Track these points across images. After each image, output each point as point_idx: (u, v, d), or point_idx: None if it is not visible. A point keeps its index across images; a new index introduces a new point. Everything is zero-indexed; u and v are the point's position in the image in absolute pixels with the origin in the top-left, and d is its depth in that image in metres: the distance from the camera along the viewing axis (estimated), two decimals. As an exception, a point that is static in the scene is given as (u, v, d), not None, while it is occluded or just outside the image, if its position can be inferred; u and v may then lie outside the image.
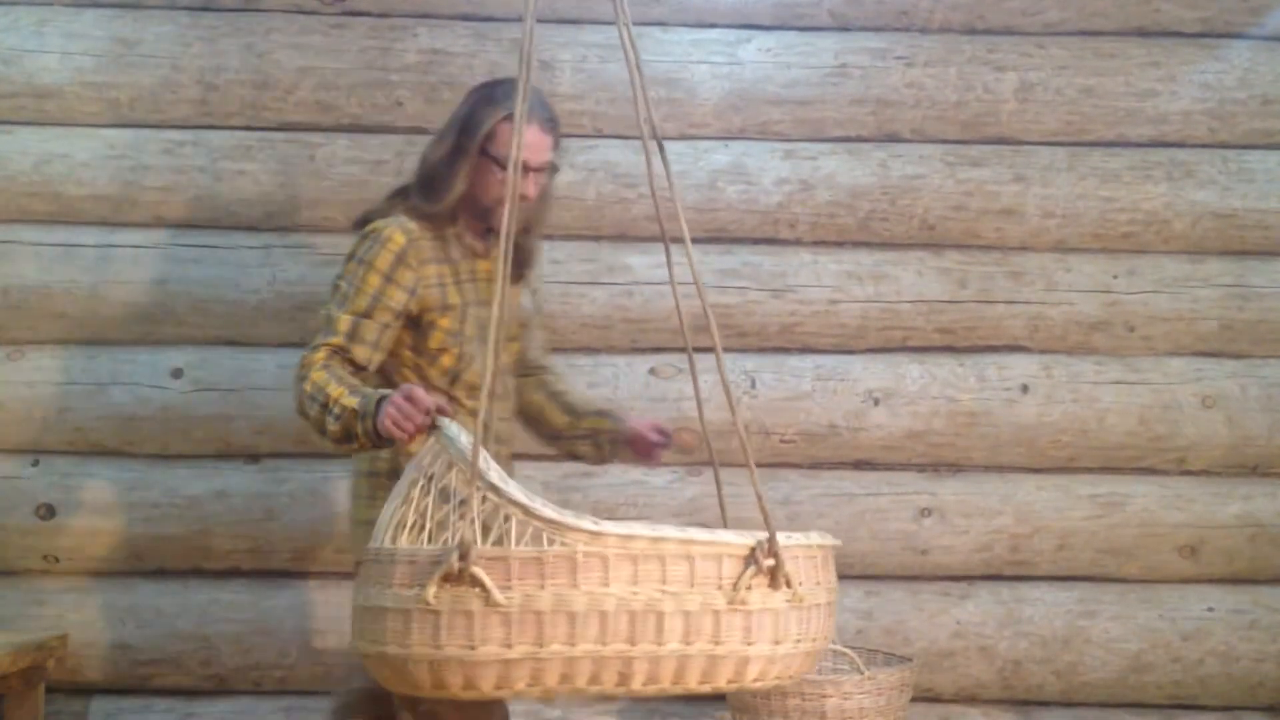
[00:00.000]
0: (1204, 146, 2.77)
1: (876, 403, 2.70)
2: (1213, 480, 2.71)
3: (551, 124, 1.99)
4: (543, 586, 1.34)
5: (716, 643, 1.38)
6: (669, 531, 1.38)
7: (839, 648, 2.46)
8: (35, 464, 2.63)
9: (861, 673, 2.28)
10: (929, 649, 2.65)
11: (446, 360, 1.98)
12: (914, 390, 2.70)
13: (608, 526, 1.37)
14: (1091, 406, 2.70)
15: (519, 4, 2.26)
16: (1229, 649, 2.67)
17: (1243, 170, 2.76)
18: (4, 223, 2.67)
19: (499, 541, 1.37)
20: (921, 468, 2.71)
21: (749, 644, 1.39)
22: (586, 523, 1.37)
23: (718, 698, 2.53)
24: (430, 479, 1.49)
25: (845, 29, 2.77)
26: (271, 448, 2.65)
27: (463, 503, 1.40)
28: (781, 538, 1.41)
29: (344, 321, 1.90)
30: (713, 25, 2.76)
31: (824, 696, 2.23)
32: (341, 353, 1.89)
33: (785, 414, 2.67)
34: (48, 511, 2.61)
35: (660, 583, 1.36)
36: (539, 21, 2.71)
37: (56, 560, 2.62)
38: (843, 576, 2.64)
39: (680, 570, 1.37)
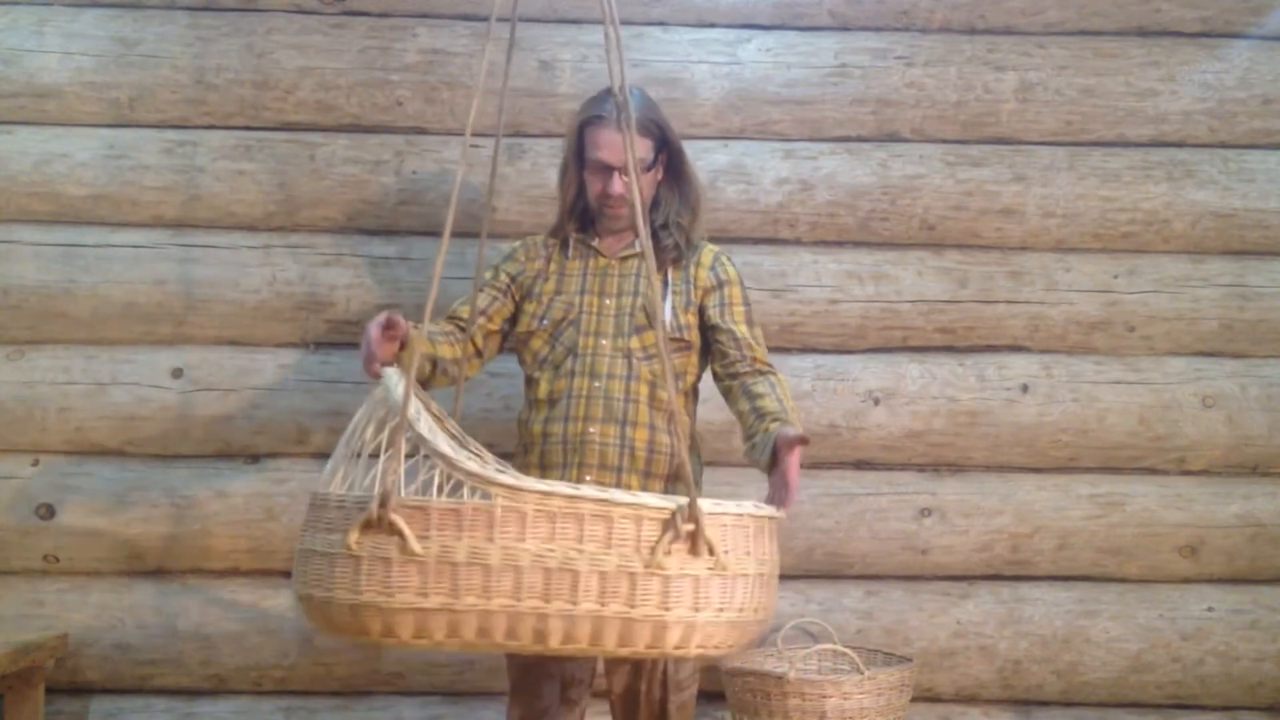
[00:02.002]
0: (1204, 146, 2.77)
1: (876, 403, 2.70)
2: (1213, 480, 2.71)
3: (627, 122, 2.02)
4: (459, 538, 1.35)
5: (632, 605, 1.36)
6: (588, 491, 1.38)
7: (839, 648, 2.46)
8: (35, 464, 2.63)
9: (861, 673, 2.28)
10: (929, 649, 2.65)
11: (536, 343, 2.11)
12: (914, 390, 2.70)
13: (527, 482, 1.37)
14: (1091, 406, 2.70)
15: (505, 4, 2.26)
16: (1229, 649, 2.67)
17: (1243, 170, 2.76)
18: (4, 223, 2.67)
19: (456, 491, 1.39)
20: (921, 468, 2.71)
21: (666, 609, 1.37)
22: (506, 477, 1.37)
23: (718, 696, 2.53)
24: (377, 424, 1.51)
25: (845, 29, 2.77)
26: (271, 448, 2.65)
27: (389, 451, 1.41)
28: (708, 504, 1.40)
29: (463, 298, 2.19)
30: (713, 25, 2.76)
31: (824, 696, 2.23)
32: (448, 316, 2.17)
33: (785, 414, 2.67)
34: (48, 511, 2.61)
35: (577, 541, 1.36)
36: (539, 21, 2.72)
37: (56, 560, 2.62)
38: (843, 576, 2.68)
39: (598, 530, 1.36)
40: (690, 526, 1.37)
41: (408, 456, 1.43)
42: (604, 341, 2.06)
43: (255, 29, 2.71)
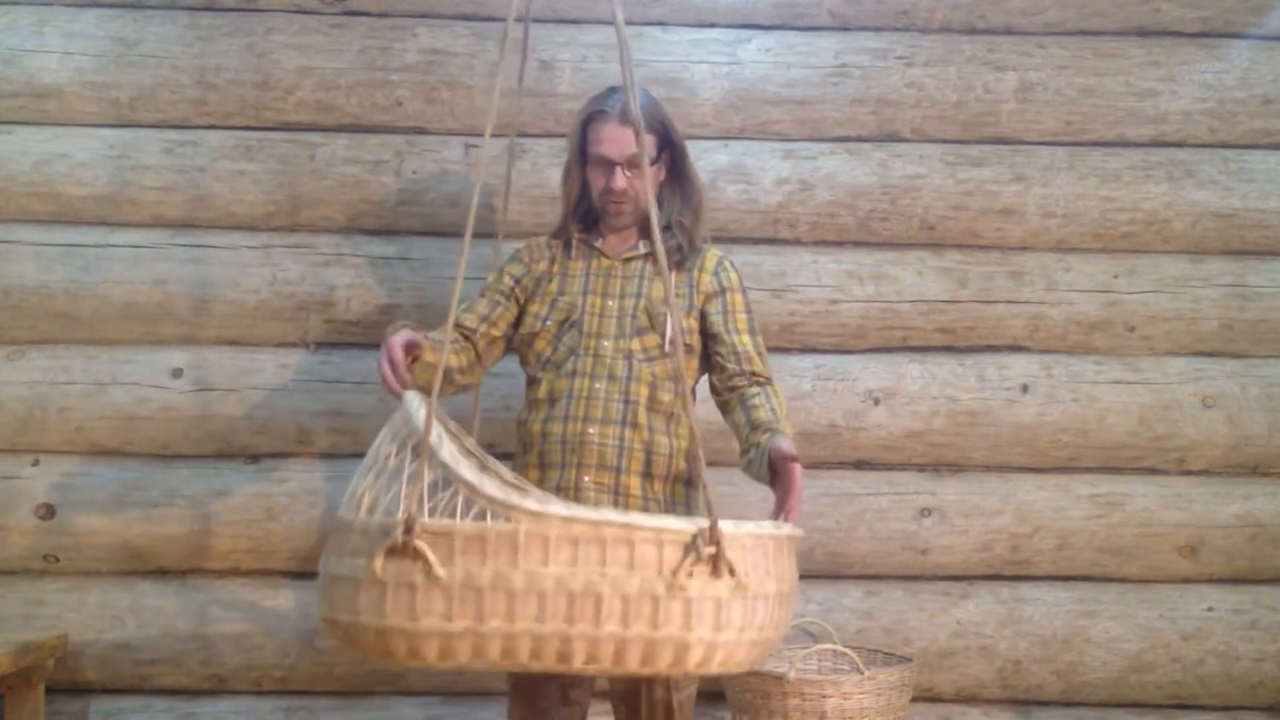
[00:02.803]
0: (1204, 146, 2.77)
1: (876, 403, 2.70)
2: (1213, 480, 2.71)
3: (627, 117, 2.04)
4: (484, 563, 1.35)
5: (655, 627, 1.37)
6: (611, 515, 1.38)
7: (839, 648, 2.46)
8: (35, 464, 2.63)
9: (861, 673, 2.28)
10: (929, 649, 2.65)
11: (540, 344, 2.10)
12: (914, 390, 2.70)
13: (551, 507, 1.38)
14: (1091, 406, 2.70)
15: (517, 4, 2.26)
16: (1229, 649, 2.67)
17: (1243, 170, 2.76)
18: (4, 223, 2.68)
19: (480, 516, 1.40)
20: (921, 468, 2.71)
21: (689, 630, 1.38)
22: (530, 502, 1.37)
23: (718, 696, 2.53)
24: (400, 449, 1.51)
25: (845, 29, 2.77)
26: (271, 448, 2.65)
27: (412, 477, 1.42)
28: (729, 525, 1.40)
29: (468, 303, 2.18)
30: (713, 25, 2.76)
31: (824, 696, 2.23)
32: (456, 322, 2.12)
33: (785, 414, 2.67)
34: (48, 511, 2.61)
35: (600, 565, 1.36)
36: (539, 21, 2.72)
37: (56, 560, 2.62)
38: (843, 576, 2.68)
39: (621, 554, 1.37)
40: (712, 549, 1.38)
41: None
42: (605, 343, 2.05)
43: (255, 29, 2.71)
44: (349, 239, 2.70)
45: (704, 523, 1.39)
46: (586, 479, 1.99)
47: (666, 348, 2.06)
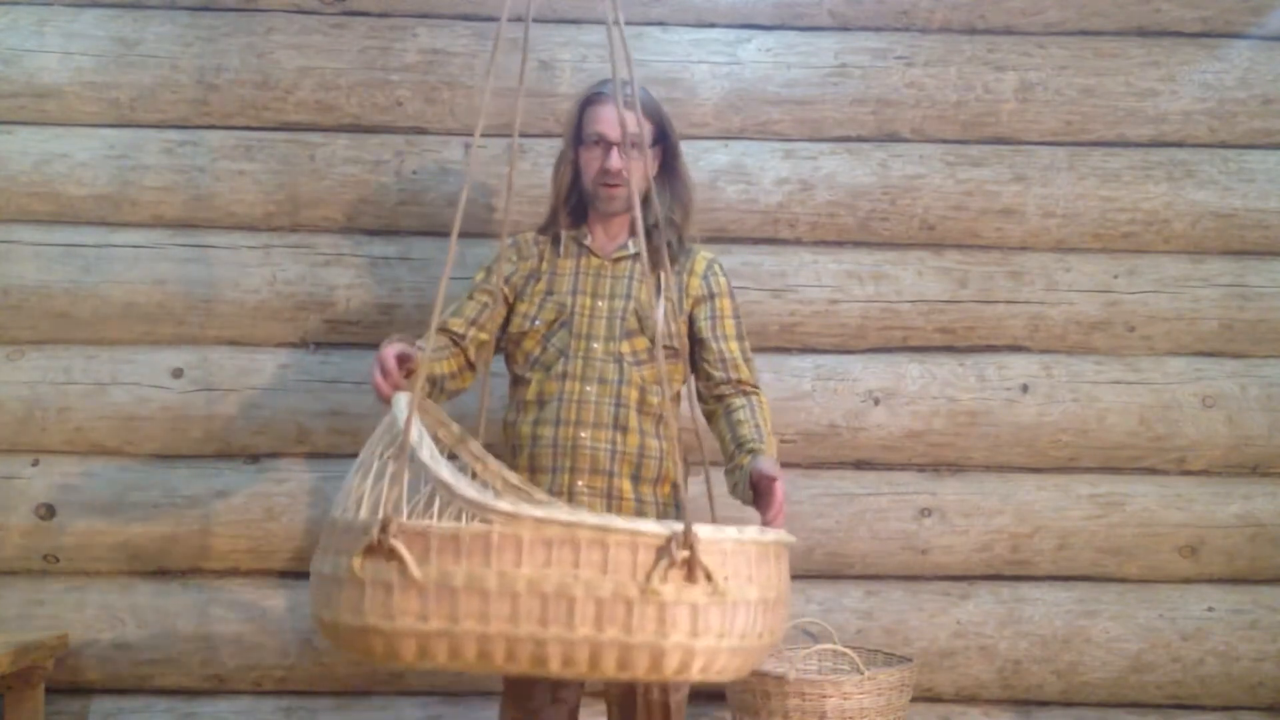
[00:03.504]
0: (1204, 146, 2.77)
1: (876, 403, 2.70)
2: (1213, 480, 2.71)
3: (626, 100, 2.01)
4: (458, 563, 1.35)
5: (629, 631, 1.35)
6: (586, 517, 1.37)
7: (839, 648, 2.46)
8: (35, 464, 2.63)
9: (861, 673, 2.28)
10: (929, 649, 2.65)
11: (529, 344, 2.09)
12: (914, 390, 2.70)
13: (525, 509, 1.37)
14: (1091, 406, 2.70)
15: (518, 4, 2.26)
16: (1229, 649, 2.67)
17: (1243, 170, 2.76)
18: (4, 223, 2.68)
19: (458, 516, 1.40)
20: (921, 468, 2.71)
21: (664, 635, 1.36)
22: (504, 504, 1.37)
23: (718, 696, 2.53)
24: (385, 449, 1.52)
25: (845, 29, 2.77)
26: (271, 448, 2.65)
27: (392, 477, 1.42)
28: (707, 530, 1.39)
29: (455, 304, 2.15)
30: (713, 25, 2.77)
31: (824, 696, 2.23)
32: (439, 328, 2.08)
33: (785, 414, 2.67)
34: (48, 511, 2.61)
35: (574, 567, 1.35)
36: (539, 21, 2.72)
37: (56, 560, 2.62)
38: (843, 576, 2.68)
39: (595, 556, 1.35)
40: (686, 553, 1.36)
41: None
42: (595, 345, 2.05)
43: (255, 29, 2.71)
44: (349, 239, 2.70)
45: (679, 526, 1.37)
46: (579, 483, 1.99)
47: (656, 351, 2.06)
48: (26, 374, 2.64)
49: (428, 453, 1.45)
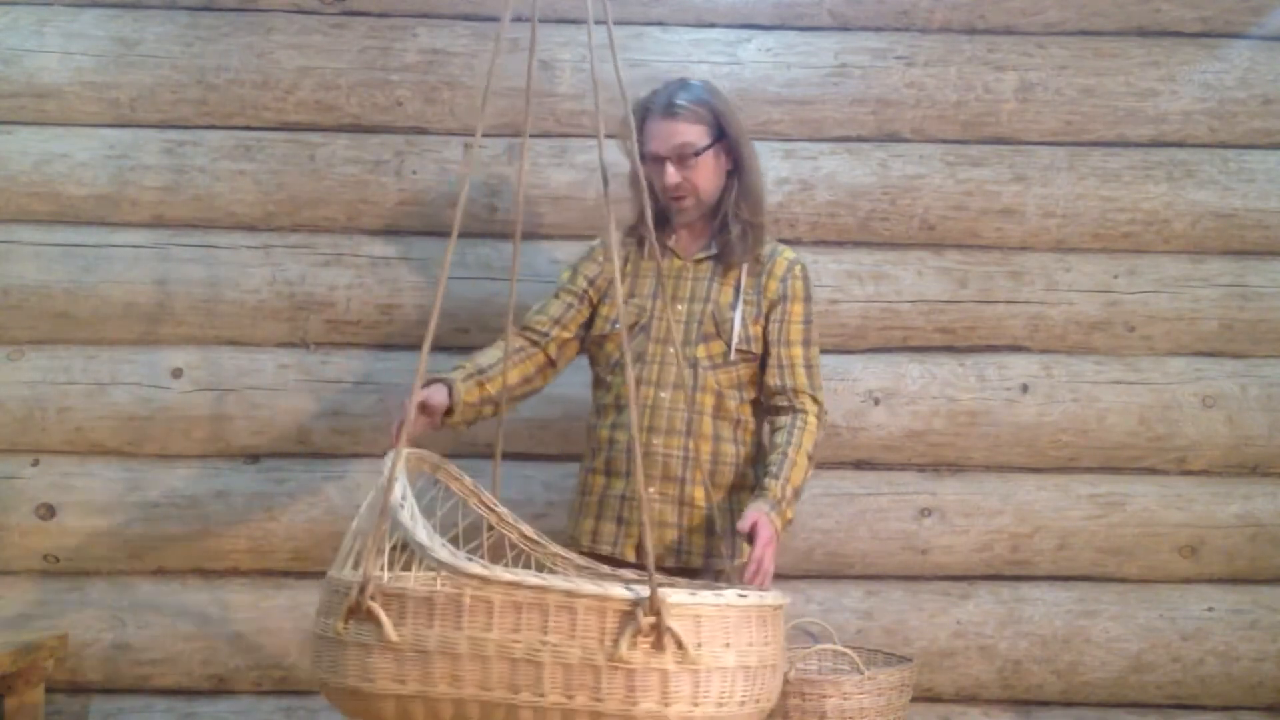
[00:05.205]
0: (1204, 146, 2.77)
1: (876, 403, 2.70)
2: (1213, 480, 2.71)
3: (670, 110, 2.03)
4: (431, 626, 1.35)
5: (598, 699, 1.32)
6: (555, 581, 1.35)
7: (839, 648, 2.46)
8: (35, 464, 2.63)
9: (861, 673, 2.28)
10: (929, 649, 2.65)
11: (610, 346, 2.09)
12: (914, 390, 2.70)
13: (497, 572, 1.35)
14: (1091, 406, 2.70)
15: (519, 4, 2.26)
16: (1229, 649, 2.67)
17: (1243, 170, 2.76)
18: (4, 223, 2.67)
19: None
20: (921, 468, 2.71)
21: (633, 703, 1.32)
22: (475, 567, 1.35)
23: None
24: (371, 508, 1.52)
25: (845, 29, 2.77)
26: (271, 448, 2.65)
27: (372, 537, 1.40)
28: (679, 595, 1.34)
29: (541, 303, 2.15)
30: (713, 25, 2.76)
31: (824, 696, 2.23)
32: (523, 326, 2.10)
33: (785, 414, 2.67)
34: (48, 511, 2.61)
35: (541, 632, 1.33)
36: (540, 21, 2.72)
37: (56, 560, 2.62)
38: (843, 576, 2.68)
39: (563, 621, 1.33)
40: (652, 620, 1.32)
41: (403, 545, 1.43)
42: (671, 349, 2.03)
43: (255, 29, 2.71)
44: (349, 239, 2.70)
45: (644, 592, 1.33)
46: (651, 490, 1.98)
47: (732, 356, 2.05)
48: (26, 374, 2.64)
49: (408, 513, 1.43)
